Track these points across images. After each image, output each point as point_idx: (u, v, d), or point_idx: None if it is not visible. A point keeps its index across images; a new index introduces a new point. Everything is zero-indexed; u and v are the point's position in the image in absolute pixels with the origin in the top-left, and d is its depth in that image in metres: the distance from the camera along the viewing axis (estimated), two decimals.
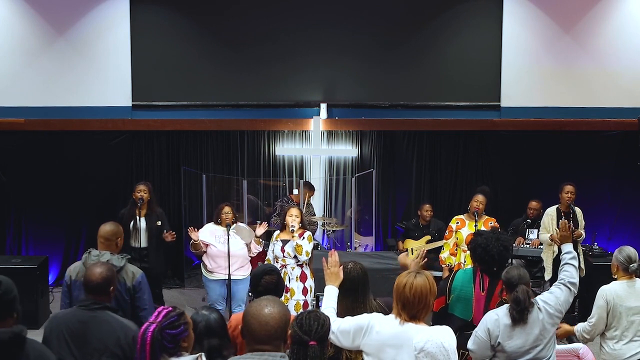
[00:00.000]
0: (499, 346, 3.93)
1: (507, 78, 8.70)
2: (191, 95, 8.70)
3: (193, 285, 8.65)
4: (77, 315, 3.56)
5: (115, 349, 3.48)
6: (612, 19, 8.65)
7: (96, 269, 3.63)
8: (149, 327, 2.88)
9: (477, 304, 4.30)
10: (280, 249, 6.09)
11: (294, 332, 2.80)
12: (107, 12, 8.46)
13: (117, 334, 3.50)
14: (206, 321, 3.06)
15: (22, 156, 8.56)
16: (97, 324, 3.52)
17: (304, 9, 8.68)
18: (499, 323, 3.93)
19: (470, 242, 4.62)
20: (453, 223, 7.02)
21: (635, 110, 8.55)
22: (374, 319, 3.34)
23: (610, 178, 8.92)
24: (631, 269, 4.59)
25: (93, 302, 3.56)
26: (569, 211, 7.01)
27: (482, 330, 3.96)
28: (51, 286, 8.09)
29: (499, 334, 3.91)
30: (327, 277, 3.68)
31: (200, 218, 8.12)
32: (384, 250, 8.68)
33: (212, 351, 3.01)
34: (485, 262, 4.36)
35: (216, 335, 3.05)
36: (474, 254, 4.42)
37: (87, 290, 3.60)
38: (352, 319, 3.40)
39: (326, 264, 3.71)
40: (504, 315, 3.95)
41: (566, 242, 4.37)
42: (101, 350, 3.48)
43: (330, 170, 9.03)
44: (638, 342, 4.55)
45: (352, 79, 8.80)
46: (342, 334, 3.36)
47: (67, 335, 3.51)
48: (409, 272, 3.37)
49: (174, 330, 2.91)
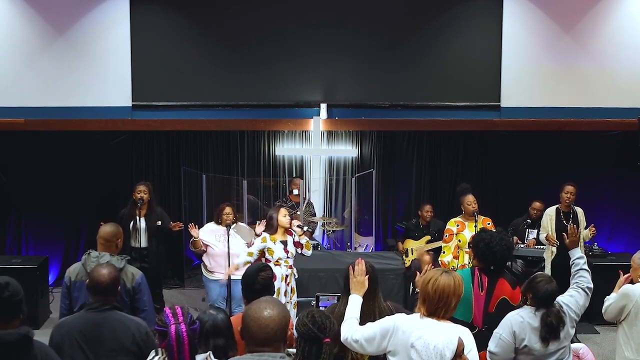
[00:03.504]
0: (524, 349, 3.89)
1: (507, 78, 8.69)
2: (191, 95, 8.70)
3: (193, 285, 8.65)
4: (87, 319, 3.55)
5: (132, 346, 3.50)
6: (612, 19, 8.65)
7: (102, 270, 3.63)
8: (179, 328, 2.92)
9: (476, 304, 4.30)
10: (283, 250, 5.90)
11: (308, 329, 2.79)
12: (107, 12, 8.46)
13: (131, 331, 3.53)
14: (213, 320, 3.10)
15: (22, 156, 8.56)
16: (110, 324, 3.52)
17: (304, 9, 8.67)
18: (525, 326, 3.90)
19: (473, 237, 4.63)
20: (452, 226, 6.98)
21: (635, 110, 8.55)
22: (399, 319, 3.33)
23: (610, 178, 8.91)
24: None
25: (102, 304, 3.56)
26: (569, 211, 7.00)
27: (508, 332, 3.90)
28: (51, 286, 8.09)
29: (525, 337, 3.88)
30: (353, 285, 3.62)
31: (200, 218, 8.12)
32: (384, 250, 8.68)
33: (218, 350, 3.03)
34: (486, 259, 4.37)
35: (222, 335, 3.08)
36: (476, 249, 4.42)
37: (96, 291, 3.59)
38: (375, 324, 3.37)
39: (352, 272, 3.65)
40: (529, 317, 3.91)
41: (574, 247, 4.38)
42: (117, 350, 3.49)
43: (330, 171, 9.03)
44: None
45: (352, 79, 8.80)
46: (367, 341, 3.33)
47: (80, 340, 3.49)
48: (438, 270, 3.39)
49: (195, 326, 3.01)
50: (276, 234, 5.90)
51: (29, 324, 3.57)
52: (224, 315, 3.20)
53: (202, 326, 3.05)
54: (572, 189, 7.02)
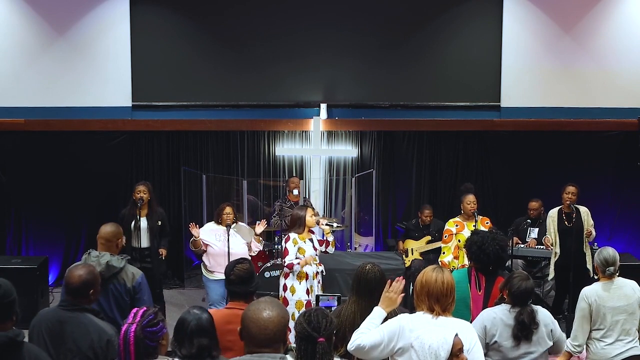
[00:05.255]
0: (494, 344, 3.93)
1: (507, 78, 8.69)
2: (191, 95, 8.70)
3: (193, 285, 8.65)
4: (57, 314, 3.57)
5: (88, 351, 3.47)
6: (612, 19, 8.65)
7: (77, 272, 3.60)
8: (129, 328, 2.91)
9: (474, 305, 4.30)
10: (312, 248, 5.94)
11: (302, 328, 2.80)
12: (107, 12, 8.45)
13: (90, 336, 3.48)
14: (197, 320, 3.08)
15: (22, 156, 8.56)
16: (74, 325, 3.51)
17: (304, 9, 8.67)
18: (497, 322, 3.94)
19: (466, 241, 4.65)
20: (451, 226, 6.99)
21: (635, 110, 8.55)
22: (403, 319, 3.36)
23: (610, 178, 8.91)
24: (607, 272, 4.63)
25: (70, 303, 3.56)
26: (571, 212, 7.00)
27: (479, 327, 3.95)
28: (51, 286, 8.09)
29: (496, 333, 3.92)
30: (383, 299, 3.60)
31: (200, 218, 8.12)
32: (384, 250, 8.67)
33: (202, 350, 3.02)
34: (480, 261, 4.38)
35: (207, 335, 3.07)
36: (469, 252, 4.46)
37: (66, 291, 3.60)
38: (380, 329, 3.39)
39: (388, 286, 3.62)
40: (502, 314, 3.95)
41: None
42: (74, 351, 3.48)
43: (330, 171, 9.03)
44: (623, 341, 4.57)
45: (352, 79, 8.80)
46: (372, 348, 3.34)
47: (45, 333, 3.52)
48: (432, 268, 3.46)
49: (154, 327, 2.97)
50: (304, 233, 5.95)
51: (29, 324, 3.57)
52: (208, 315, 3.20)
53: (187, 326, 3.04)
54: (573, 190, 7.02)
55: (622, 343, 4.57)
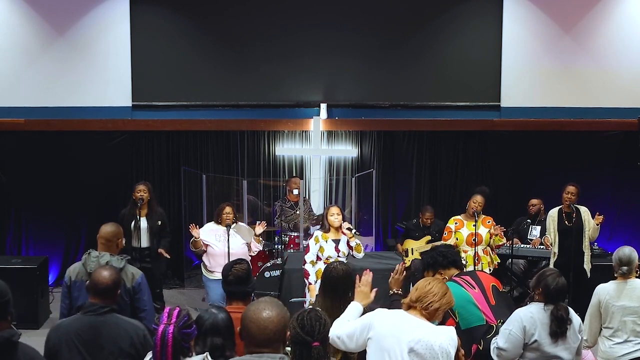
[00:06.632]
0: (533, 344, 3.92)
1: (507, 78, 8.69)
2: (191, 95, 8.70)
3: (193, 285, 8.65)
4: (85, 321, 3.51)
5: (130, 349, 3.49)
6: (612, 19, 8.65)
7: (104, 272, 3.60)
8: (167, 329, 2.89)
9: (480, 303, 4.27)
10: (334, 249, 5.90)
11: (296, 333, 2.79)
12: (107, 12, 8.46)
13: (129, 334, 3.51)
14: (213, 319, 3.08)
15: (22, 156, 8.56)
16: (108, 327, 3.50)
17: (304, 9, 8.67)
18: (535, 321, 3.92)
19: (421, 263, 4.70)
20: (451, 224, 7.00)
21: (635, 110, 8.55)
22: (377, 313, 3.37)
23: (610, 178, 8.91)
24: (620, 272, 4.65)
25: (101, 306, 3.52)
26: (571, 212, 6.99)
27: (518, 328, 3.92)
28: (51, 286, 8.08)
29: (535, 332, 3.91)
30: (356, 294, 3.67)
31: (200, 218, 8.12)
32: (384, 250, 8.67)
33: (214, 349, 3.02)
34: (437, 262, 4.39)
35: (221, 334, 3.07)
36: (427, 267, 4.45)
37: (95, 293, 3.56)
38: (356, 322, 3.42)
39: (358, 281, 3.71)
40: (538, 313, 3.95)
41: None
42: (116, 353, 3.47)
43: (330, 171, 9.03)
44: (633, 342, 4.57)
45: (352, 79, 8.80)
46: (348, 338, 3.36)
47: (77, 342, 3.46)
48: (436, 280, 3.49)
49: (189, 329, 2.97)
50: (329, 233, 5.94)
51: (29, 324, 3.57)
52: (226, 315, 3.19)
53: (202, 324, 3.03)
54: (573, 189, 7.02)
55: (631, 344, 4.57)
